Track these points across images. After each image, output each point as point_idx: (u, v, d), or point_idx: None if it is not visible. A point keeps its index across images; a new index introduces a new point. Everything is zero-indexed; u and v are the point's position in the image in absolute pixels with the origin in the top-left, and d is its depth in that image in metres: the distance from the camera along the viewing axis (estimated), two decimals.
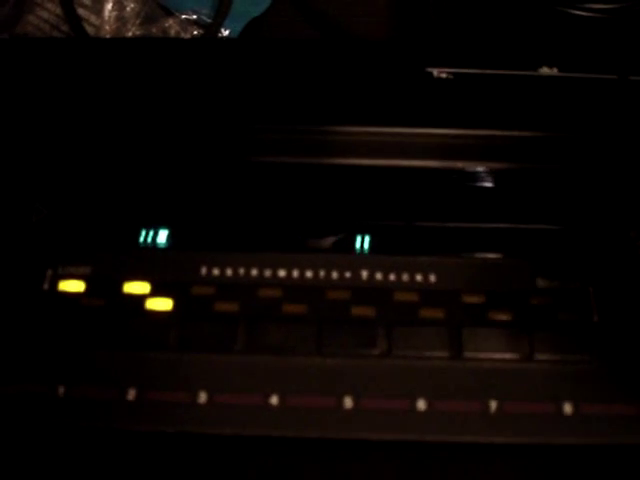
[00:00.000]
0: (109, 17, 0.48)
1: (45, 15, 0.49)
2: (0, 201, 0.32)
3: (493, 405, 0.27)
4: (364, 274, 0.30)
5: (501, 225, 0.31)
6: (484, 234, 0.31)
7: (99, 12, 0.48)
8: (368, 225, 0.32)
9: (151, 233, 0.31)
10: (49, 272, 0.31)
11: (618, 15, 0.48)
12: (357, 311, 0.29)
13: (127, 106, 0.33)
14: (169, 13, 0.49)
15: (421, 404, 0.28)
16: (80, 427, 0.28)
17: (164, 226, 0.32)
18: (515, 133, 0.32)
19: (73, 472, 0.27)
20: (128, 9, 0.48)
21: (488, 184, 0.32)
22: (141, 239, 0.32)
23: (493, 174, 0.32)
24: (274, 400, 0.28)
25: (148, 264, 0.31)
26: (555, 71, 0.34)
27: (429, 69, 0.34)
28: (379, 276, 0.30)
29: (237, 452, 0.28)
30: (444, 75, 0.34)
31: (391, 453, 0.27)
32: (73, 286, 0.30)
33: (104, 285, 0.30)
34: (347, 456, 0.27)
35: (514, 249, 0.31)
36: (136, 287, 0.30)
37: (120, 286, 0.30)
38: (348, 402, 0.28)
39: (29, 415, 0.28)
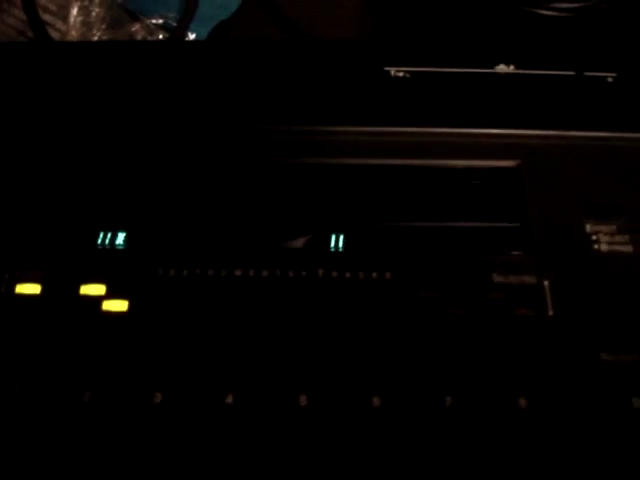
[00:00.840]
0: (74, 22, 0.48)
1: (11, 21, 0.49)
2: None
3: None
4: (320, 272, 0.30)
5: (457, 224, 0.32)
6: (441, 232, 0.31)
7: (65, 17, 0.48)
8: (336, 224, 0.32)
9: (109, 235, 0.31)
10: (5, 275, 0.30)
11: (582, 14, 0.48)
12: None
13: (84, 109, 0.33)
14: (135, 18, 0.49)
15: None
16: (35, 430, 0.28)
17: (121, 229, 0.32)
18: (469, 130, 0.32)
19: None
20: (93, 14, 0.48)
21: (444, 182, 0.32)
22: (99, 241, 0.31)
23: (449, 172, 0.32)
24: (229, 399, 0.28)
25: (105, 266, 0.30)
26: (512, 68, 0.34)
27: (387, 68, 0.34)
28: (336, 273, 0.30)
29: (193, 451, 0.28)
30: (401, 74, 0.34)
31: None
32: (30, 289, 0.30)
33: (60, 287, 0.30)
34: None
35: (470, 246, 0.31)
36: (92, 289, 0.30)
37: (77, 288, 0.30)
38: None
39: None
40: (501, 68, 0.34)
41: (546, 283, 0.30)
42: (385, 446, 0.27)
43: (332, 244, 0.31)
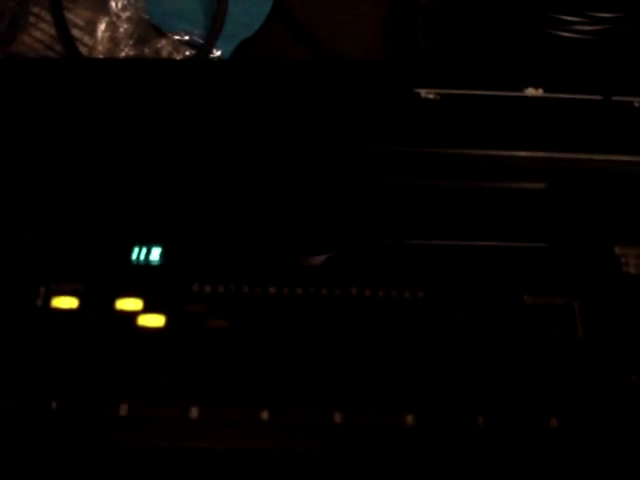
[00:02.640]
0: (102, 37, 0.48)
1: (39, 35, 0.49)
2: None
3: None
4: (354, 290, 0.31)
5: (489, 243, 0.32)
6: (472, 252, 0.32)
7: (92, 33, 0.49)
8: (358, 243, 0.32)
9: (144, 250, 0.32)
10: (42, 289, 0.31)
11: (601, 36, 0.49)
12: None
13: (120, 125, 0.34)
14: (161, 34, 0.50)
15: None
16: (72, 441, 0.28)
17: (157, 243, 0.32)
18: (501, 153, 0.33)
19: None
20: (121, 30, 0.48)
21: (476, 202, 0.33)
22: (134, 256, 0.32)
23: (480, 193, 0.33)
24: (264, 415, 0.28)
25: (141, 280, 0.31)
26: (540, 92, 0.35)
27: (417, 90, 0.35)
28: (368, 293, 0.31)
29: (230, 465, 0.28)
30: (431, 96, 0.35)
31: None
32: (66, 302, 0.31)
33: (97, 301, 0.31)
34: None
35: (502, 266, 0.31)
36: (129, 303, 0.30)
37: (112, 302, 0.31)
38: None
39: (23, 429, 0.28)
40: (530, 91, 0.35)
41: (576, 305, 0.30)
42: (418, 465, 0.27)
43: (364, 263, 0.31)
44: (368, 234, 0.32)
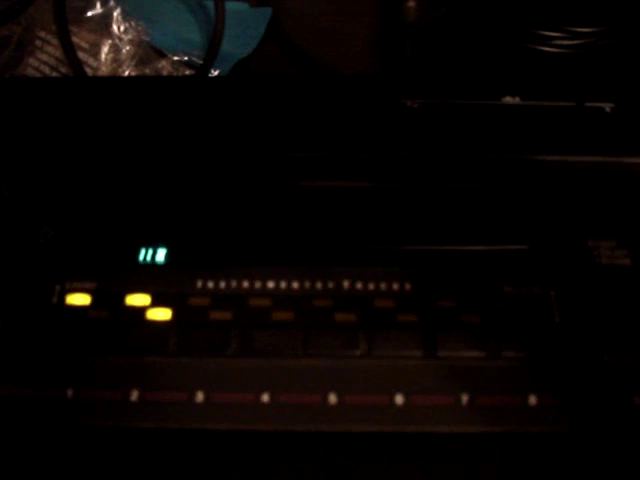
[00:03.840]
0: (106, 59, 0.51)
1: (45, 58, 0.52)
2: (11, 224, 0.35)
3: (464, 398, 0.30)
4: (346, 284, 0.33)
5: (471, 247, 0.34)
6: (455, 252, 0.34)
7: (96, 55, 0.51)
8: (351, 244, 0.34)
9: (150, 251, 0.34)
10: (57, 287, 0.33)
11: (582, 50, 0.52)
12: (340, 317, 0.32)
13: (124, 135, 0.37)
14: (162, 55, 0.53)
15: (399, 399, 0.30)
16: (87, 427, 0.30)
17: (162, 244, 0.34)
18: (478, 156, 0.35)
19: (82, 469, 0.30)
20: (124, 51, 0.51)
21: (457, 202, 0.35)
22: (141, 257, 0.34)
23: (463, 193, 0.35)
24: (265, 398, 0.30)
25: (148, 279, 0.33)
26: (517, 100, 0.38)
27: (404, 100, 0.37)
28: (359, 285, 0.33)
29: (231, 447, 0.30)
30: (416, 105, 0.37)
31: (372, 444, 0.30)
32: (80, 299, 0.33)
33: (108, 298, 0.33)
34: (332, 448, 0.30)
35: (484, 261, 0.34)
36: (137, 299, 0.33)
37: (123, 299, 0.33)
38: (333, 398, 0.30)
39: (41, 417, 0.30)
40: (507, 100, 0.38)
41: (552, 293, 0.32)
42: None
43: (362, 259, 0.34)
44: (362, 236, 0.35)
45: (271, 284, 0.33)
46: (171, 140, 0.36)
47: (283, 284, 0.33)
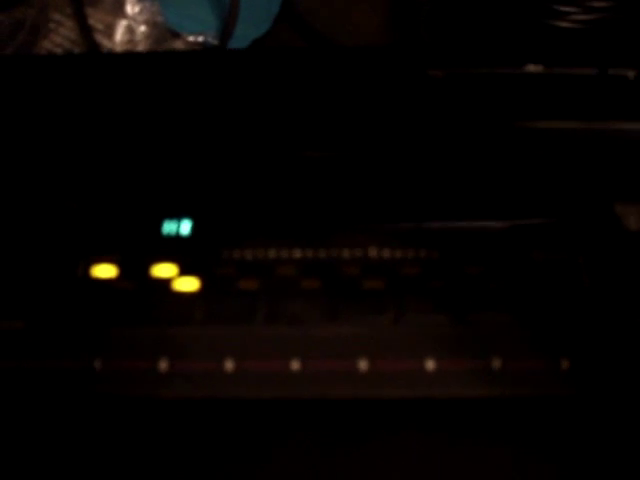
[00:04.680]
0: (120, 40, 0.51)
1: (58, 40, 0.52)
2: (36, 198, 0.34)
3: (496, 363, 0.30)
4: (373, 251, 0.33)
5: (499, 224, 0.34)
6: (487, 219, 0.34)
7: (110, 36, 0.51)
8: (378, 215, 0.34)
9: (174, 223, 0.34)
10: (82, 260, 0.33)
11: (596, 25, 0.52)
12: (368, 284, 0.32)
13: (147, 109, 0.36)
14: (176, 35, 0.52)
15: (430, 364, 0.30)
16: (116, 397, 0.30)
17: (187, 216, 0.34)
18: (506, 124, 0.35)
19: (110, 440, 0.30)
20: (138, 32, 0.51)
21: (485, 172, 0.35)
22: (165, 229, 0.34)
23: (490, 161, 0.35)
24: (295, 365, 0.30)
25: (174, 250, 0.33)
26: (540, 68, 0.37)
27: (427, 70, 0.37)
28: (387, 252, 0.33)
29: (262, 415, 0.30)
30: (440, 75, 0.37)
31: (403, 410, 0.30)
32: (105, 271, 0.33)
33: (134, 269, 0.33)
34: (363, 414, 0.30)
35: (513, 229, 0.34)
36: (163, 270, 0.33)
37: (148, 270, 0.33)
38: (363, 365, 0.30)
39: (69, 387, 0.30)
40: (530, 68, 0.37)
41: (581, 259, 0.32)
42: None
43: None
44: (388, 207, 0.34)
45: (298, 252, 0.33)
46: (193, 112, 0.36)
47: (310, 252, 0.33)
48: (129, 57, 0.43)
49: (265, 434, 0.29)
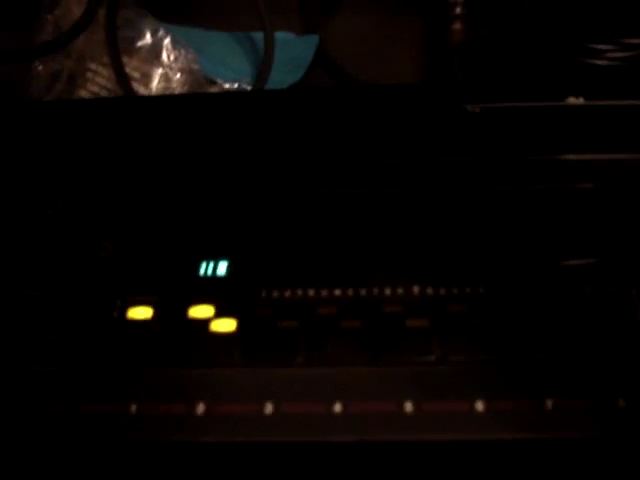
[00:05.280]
0: (157, 88, 0.51)
1: (96, 90, 0.52)
2: (72, 241, 0.34)
3: (549, 403, 0.29)
4: (416, 289, 0.32)
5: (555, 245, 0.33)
6: (538, 251, 0.33)
7: (147, 84, 0.51)
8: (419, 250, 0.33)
9: (211, 264, 0.33)
10: (118, 302, 0.32)
11: (632, 62, 0.51)
12: (411, 323, 0.31)
13: (184, 149, 0.36)
14: (212, 82, 0.53)
15: (479, 405, 0.29)
16: (152, 442, 0.29)
17: (223, 257, 0.34)
18: (551, 157, 0.34)
19: None
20: (174, 79, 0.51)
21: (533, 205, 0.34)
22: (202, 270, 0.33)
23: (540, 195, 0.34)
24: (337, 408, 0.29)
25: (210, 290, 0.32)
26: (581, 100, 0.37)
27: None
28: (430, 290, 0.32)
29: (303, 458, 0.29)
30: (478, 110, 0.36)
31: (451, 452, 0.28)
32: (142, 313, 0.32)
33: (170, 311, 0.32)
34: (409, 457, 0.28)
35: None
36: (201, 311, 0.32)
37: (185, 311, 0.32)
38: (409, 406, 0.29)
39: (104, 432, 0.29)
40: (572, 100, 0.37)
41: (634, 291, 0.31)
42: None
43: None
44: (429, 241, 0.33)
45: (338, 291, 0.32)
46: (231, 150, 0.36)
47: (350, 291, 0.32)
48: (164, 99, 0.43)
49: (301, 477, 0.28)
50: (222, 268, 0.33)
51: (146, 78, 0.51)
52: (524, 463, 0.28)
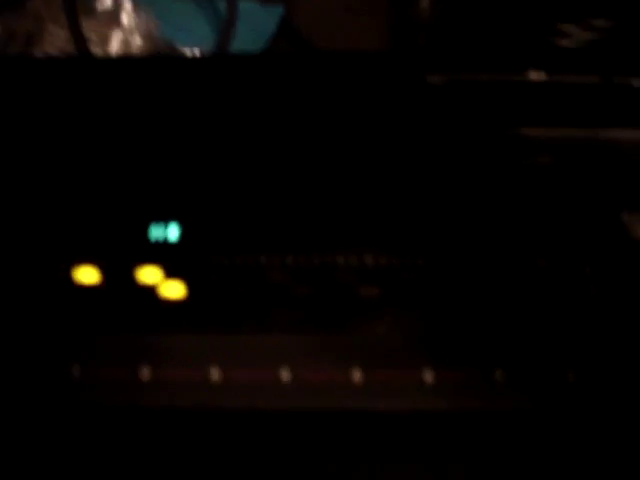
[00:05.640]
0: (115, 52, 0.50)
1: (53, 51, 0.51)
2: (20, 199, 0.33)
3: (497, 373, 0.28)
4: (369, 258, 0.31)
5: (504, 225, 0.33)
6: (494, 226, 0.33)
7: (106, 47, 0.50)
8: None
9: (161, 228, 0.33)
10: (62, 264, 0.32)
11: (601, 45, 0.51)
12: (363, 292, 0.30)
13: (138, 111, 0.35)
14: (172, 49, 0.52)
15: (428, 375, 0.28)
16: (95, 406, 0.29)
17: (173, 221, 0.33)
18: (510, 130, 0.34)
19: (89, 448, 0.28)
20: (134, 44, 0.50)
21: (490, 179, 0.34)
22: (151, 234, 0.33)
23: (495, 169, 0.34)
24: (285, 376, 0.29)
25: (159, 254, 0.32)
26: (543, 75, 0.36)
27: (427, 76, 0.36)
28: (383, 260, 0.31)
29: (248, 425, 0.28)
30: (440, 81, 0.36)
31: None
32: (88, 276, 0.31)
33: (118, 274, 0.31)
34: (358, 427, 0.28)
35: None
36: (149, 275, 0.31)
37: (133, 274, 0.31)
38: (357, 375, 0.29)
39: (46, 395, 0.29)
40: (532, 75, 0.36)
41: (588, 270, 0.31)
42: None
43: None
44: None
45: (289, 258, 0.31)
46: (182, 113, 0.35)
47: (302, 259, 0.31)
48: (123, 61, 0.42)
49: (249, 445, 0.28)
50: (172, 232, 0.33)
51: (105, 41, 0.50)
52: (472, 434, 0.28)
